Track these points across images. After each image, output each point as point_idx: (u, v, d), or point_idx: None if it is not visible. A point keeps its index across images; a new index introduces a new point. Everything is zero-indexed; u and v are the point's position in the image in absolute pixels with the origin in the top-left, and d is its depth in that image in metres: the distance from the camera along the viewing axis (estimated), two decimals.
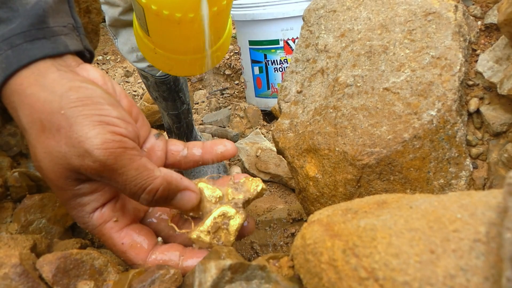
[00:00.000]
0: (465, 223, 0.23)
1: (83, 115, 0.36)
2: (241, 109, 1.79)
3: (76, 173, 0.37)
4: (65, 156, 0.36)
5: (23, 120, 0.38)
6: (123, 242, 0.41)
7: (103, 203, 0.41)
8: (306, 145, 0.59)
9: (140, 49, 0.70)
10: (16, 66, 0.38)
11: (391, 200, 0.30)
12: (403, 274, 0.21)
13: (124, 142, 0.37)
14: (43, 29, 0.40)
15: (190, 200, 0.42)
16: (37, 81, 0.38)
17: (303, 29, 0.71)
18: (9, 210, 0.57)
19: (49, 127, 0.37)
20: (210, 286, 0.28)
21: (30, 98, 0.38)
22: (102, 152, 0.36)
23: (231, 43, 2.43)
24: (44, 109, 0.37)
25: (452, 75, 0.50)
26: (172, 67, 0.69)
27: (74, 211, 0.40)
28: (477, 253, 0.21)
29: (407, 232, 0.23)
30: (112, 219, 0.41)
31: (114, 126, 0.37)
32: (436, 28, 0.53)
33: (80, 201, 0.40)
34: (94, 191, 0.40)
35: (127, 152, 0.37)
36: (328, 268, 0.24)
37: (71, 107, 0.37)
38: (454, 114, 0.49)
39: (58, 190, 0.39)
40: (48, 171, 0.38)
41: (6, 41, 0.39)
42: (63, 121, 0.36)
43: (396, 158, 0.50)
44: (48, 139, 0.37)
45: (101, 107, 0.38)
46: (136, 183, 0.37)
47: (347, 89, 0.57)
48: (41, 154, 0.38)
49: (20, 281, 0.36)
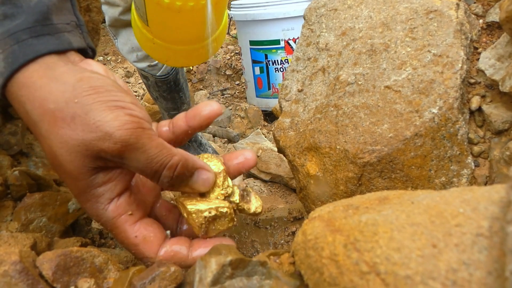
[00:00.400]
0: (467, 218, 0.23)
1: (98, 102, 0.37)
2: (242, 110, 1.78)
3: (94, 159, 0.38)
4: (83, 143, 0.37)
5: (33, 113, 0.38)
6: (136, 235, 0.41)
7: (118, 194, 0.41)
8: (307, 144, 0.59)
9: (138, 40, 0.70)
10: (22, 61, 0.39)
11: (392, 196, 0.30)
12: (405, 268, 0.21)
13: (141, 123, 0.38)
14: (48, 25, 0.41)
15: (207, 180, 0.42)
16: (47, 74, 0.38)
17: (304, 27, 0.71)
18: (9, 208, 0.56)
19: (63, 116, 0.37)
20: (211, 281, 0.28)
21: (41, 90, 0.38)
22: (124, 132, 0.36)
23: (232, 44, 2.43)
24: (56, 100, 0.37)
25: (453, 73, 0.50)
26: (169, 58, 0.69)
27: (88, 203, 0.40)
28: (479, 248, 0.21)
29: (409, 227, 0.23)
30: (127, 212, 0.41)
31: (129, 109, 0.38)
32: (437, 26, 0.53)
33: (95, 192, 0.40)
34: (108, 181, 0.40)
35: (146, 132, 0.38)
36: (329, 263, 0.24)
37: (85, 96, 0.37)
38: (456, 112, 0.49)
39: (73, 181, 0.39)
40: (64, 161, 0.38)
41: (12, 36, 0.39)
42: (78, 110, 0.37)
43: (398, 156, 0.50)
44: (63, 129, 0.37)
45: (114, 94, 0.39)
46: (158, 160, 0.38)
47: (348, 87, 0.57)
48: (56, 144, 0.38)
49: (20, 279, 0.36)
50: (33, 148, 0.68)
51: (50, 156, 0.39)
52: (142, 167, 0.38)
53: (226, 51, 2.39)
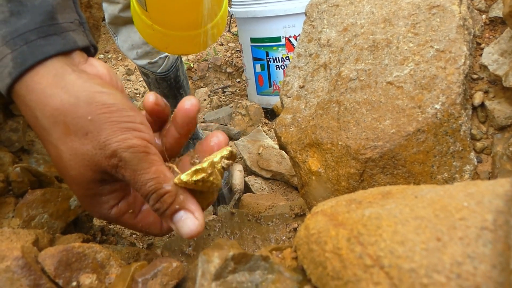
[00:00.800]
0: (472, 211, 0.23)
1: (110, 122, 0.39)
2: (242, 107, 1.78)
3: (102, 173, 0.40)
4: (93, 158, 0.39)
5: (44, 120, 0.40)
6: (141, 225, 0.46)
7: (119, 199, 0.45)
8: (309, 140, 0.58)
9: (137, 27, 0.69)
10: (31, 62, 0.39)
11: (395, 191, 0.30)
12: (409, 262, 0.21)
13: (148, 147, 0.40)
14: (54, 25, 0.42)
15: (190, 229, 0.41)
16: (57, 83, 0.40)
17: (306, 23, 0.71)
18: (11, 205, 0.56)
19: (75, 130, 0.39)
20: (214, 275, 0.28)
21: (52, 100, 0.39)
22: (128, 154, 0.39)
23: (233, 41, 2.43)
24: (69, 113, 0.39)
25: (456, 68, 0.49)
26: (169, 45, 0.68)
27: (92, 207, 0.44)
28: (484, 241, 0.21)
29: (412, 221, 0.23)
30: (128, 211, 0.45)
31: (139, 131, 0.40)
32: (440, 21, 0.53)
33: (99, 199, 0.43)
34: (113, 191, 0.44)
35: (148, 157, 0.40)
36: (332, 257, 0.24)
37: (98, 114, 0.39)
38: (459, 108, 0.49)
39: (80, 189, 0.42)
40: (73, 171, 0.41)
41: (21, 36, 0.40)
42: (91, 126, 0.39)
43: (400, 152, 0.50)
44: (74, 142, 0.39)
45: (126, 114, 0.40)
46: (150, 185, 0.40)
47: (350, 83, 0.57)
48: (66, 156, 0.40)
49: (22, 274, 0.36)
50: (34, 145, 0.68)
51: (57, 161, 0.41)
52: (137, 187, 0.40)
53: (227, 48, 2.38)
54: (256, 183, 1.34)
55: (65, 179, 0.43)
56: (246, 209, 1.00)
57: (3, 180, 0.55)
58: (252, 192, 1.30)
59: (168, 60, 1.33)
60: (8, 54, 0.40)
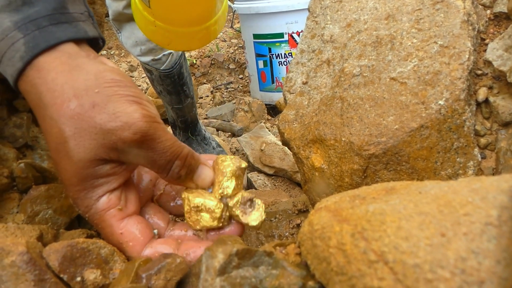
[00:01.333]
0: (476, 207, 0.23)
1: (118, 94, 0.39)
2: (245, 103, 1.78)
3: (108, 149, 0.39)
4: (101, 131, 0.38)
5: (46, 95, 0.39)
6: (121, 232, 0.41)
7: (114, 188, 0.41)
8: (312, 136, 0.58)
9: (139, 24, 0.69)
10: (44, 46, 0.40)
11: (399, 187, 0.30)
12: (414, 257, 0.21)
13: (156, 118, 0.40)
14: (65, 14, 0.42)
15: (208, 175, 0.44)
16: (68, 61, 0.40)
17: (309, 19, 0.71)
18: (15, 200, 0.57)
19: (82, 103, 0.38)
20: (218, 271, 0.28)
21: (61, 75, 0.39)
22: (144, 124, 0.38)
23: (236, 37, 2.43)
24: (77, 86, 0.39)
25: (460, 64, 0.49)
26: (171, 41, 0.68)
27: (83, 192, 0.41)
28: (488, 236, 0.21)
29: (417, 216, 0.23)
30: (116, 206, 0.41)
31: (146, 106, 0.40)
32: (444, 17, 0.53)
33: (95, 182, 0.40)
34: (111, 174, 0.41)
35: (160, 126, 0.40)
36: (336, 252, 0.24)
37: (106, 87, 0.39)
38: (463, 104, 0.49)
39: (76, 168, 0.40)
40: (75, 147, 0.39)
41: (33, 22, 0.40)
42: (98, 99, 0.38)
43: (403, 148, 0.50)
44: (80, 115, 0.38)
45: (133, 90, 0.41)
46: (172, 150, 0.40)
47: (353, 79, 0.57)
48: (70, 130, 0.38)
49: (27, 269, 0.36)
50: (38, 141, 0.69)
51: (57, 141, 0.40)
52: (157, 157, 0.40)
53: (229, 44, 2.38)
54: (259, 180, 1.34)
55: (58, 159, 0.40)
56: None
57: (8, 176, 0.55)
58: (255, 188, 1.30)
59: (172, 57, 1.33)
60: (20, 38, 0.40)
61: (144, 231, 0.42)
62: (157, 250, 0.41)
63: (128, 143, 0.38)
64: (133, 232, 0.42)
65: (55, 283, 0.37)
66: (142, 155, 0.40)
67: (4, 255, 0.36)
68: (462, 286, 0.19)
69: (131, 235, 0.41)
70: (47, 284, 0.36)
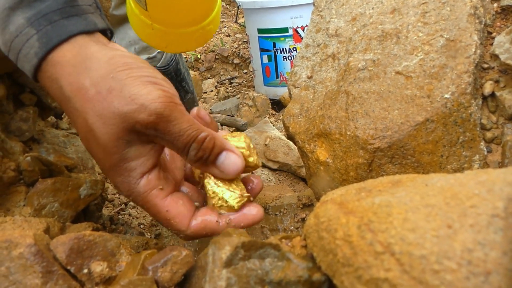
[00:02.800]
0: (482, 199, 0.23)
1: (132, 77, 0.39)
2: (249, 98, 1.78)
3: (129, 132, 0.40)
4: (119, 115, 0.39)
5: (67, 88, 0.40)
6: (167, 210, 0.42)
7: (149, 169, 0.42)
8: (317, 130, 0.58)
9: (135, 28, 0.70)
10: (56, 41, 0.41)
11: (405, 179, 0.30)
12: (420, 248, 0.21)
13: (173, 98, 0.40)
14: (75, 7, 0.43)
15: (236, 163, 0.43)
16: (80, 52, 0.41)
17: (314, 14, 0.71)
18: (22, 194, 0.57)
19: (99, 90, 0.39)
20: (224, 263, 0.28)
21: (75, 67, 0.40)
22: (159, 105, 0.38)
23: (240, 32, 2.42)
24: (91, 75, 0.40)
25: (466, 57, 0.49)
26: (169, 43, 0.69)
27: (120, 177, 0.42)
28: (495, 228, 0.21)
29: (423, 208, 0.23)
30: (157, 186, 0.42)
31: (161, 85, 0.40)
32: (450, 10, 0.52)
33: (127, 166, 0.41)
34: (140, 155, 0.41)
35: (178, 107, 0.40)
36: (343, 244, 0.24)
37: (119, 71, 0.40)
38: (469, 97, 0.48)
39: (107, 155, 0.41)
40: (100, 134, 0.40)
41: (45, 17, 0.41)
42: (113, 84, 0.39)
43: (409, 142, 0.50)
44: (99, 102, 0.39)
45: (146, 70, 0.41)
46: (189, 133, 0.40)
47: (358, 73, 0.57)
48: (92, 117, 0.40)
49: (35, 261, 0.36)
50: (44, 134, 0.69)
51: (84, 130, 0.41)
52: (173, 139, 0.40)
53: (234, 39, 2.38)
54: (263, 174, 1.34)
55: (91, 148, 0.42)
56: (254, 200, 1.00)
57: (14, 169, 0.56)
58: None
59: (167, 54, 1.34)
60: (34, 34, 0.41)
61: (187, 206, 0.44)
62: (203, 220, 0.43)
63: (145, 125, 0.39)
64: (178, 208, 0.43)
65: (62, 275, 0.37)
66: (160, 137, 0.40)
67: (12, 247, 0.36)
68: (468, 277, 0.20)
69: (176, 211, 0.42)
70: (54, 276, 0.37)
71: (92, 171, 0.76)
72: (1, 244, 0.36)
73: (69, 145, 0.74)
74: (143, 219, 0.91)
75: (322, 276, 0.29)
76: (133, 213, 0.94)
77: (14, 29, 0.41)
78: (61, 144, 0.73)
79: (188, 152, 0.41)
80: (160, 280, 0.35)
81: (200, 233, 0.43)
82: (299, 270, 0.29)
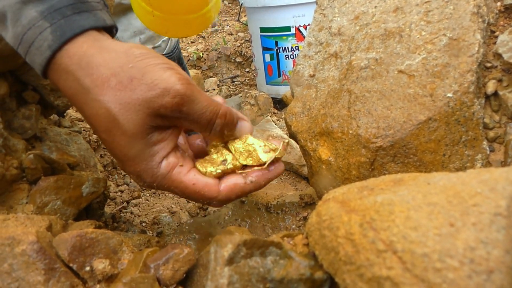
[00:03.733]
0: (485, 198, 0.23)
1: (151, 65, 0.41)
2: (252, 97, 1.78)
3: (154, 117, 0.41)
4: (144, 101, 0.40)
5: (86, 80, 0.41)
6: (194, 183, 0.44)
7: (168, 152, 0.44)
8: (319, 129, 0.58)
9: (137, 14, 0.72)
10: (70, 34, 0.42)
11: (407, 178, 0.30)
12: (422, 246, 0.21)
13: (189, 80, 0.42)
14: (84, 3, 0.44)
15: (248, 127, 0.48)
16: (96, 45, 0.42)
17: (316, 12, 0.70)
18: (24, 191, 0.57)
19: (120, 80, 0.40)
20: (226, 260, 0.28)
21: (93, 58, 0.41)
22: (181, 86, 0.40)
23: (242, 31, 2.42)
24: (111, 66, 0.41)
25: (469, 56, 0.49)
26: (169, 29, 0.71)
27: (143, 163, 0.43)
28: (497, 227, 0.21)
29: (425, 206, 0.23)
30: (178, 164, 0.44)
31: (177, 70, 0.42)
32: (454, 9, 0.52)
33: (151, 150, 0.43)
34: (162, 139, 0.43)
35: (195, 87, 0.42)
36: (345, 242, 0.24)
37: (138, 61, 0.41)
38: (471, 96, 0.48)
39: (131, 141, 0.42)
40: (125, 121, 0.41)
41: (57, 11, 0.42)
42: (134, 73, 0.41)
43: (411, 141, 0.49)
44: (121, 91, 0.40)
45: (161, 59, 0.43)
46: (211, 109, 0.43)
47: (361, 72, 0.57)
48: (116, 107, 0.41)
49: (37, 258, 0.37)
50: (47, 132, 0.69)
51: (106, 121, 0.41)
52: (197, 117, 0.42)
53: (236, 38, 2.38)
54: None
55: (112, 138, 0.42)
56: (255, 198, 1.00)
57: (17, 167, 0.56)
58: None
59: (171, 42, 1.35)
60: (47, 27, 0.42)
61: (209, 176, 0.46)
62: (230, 182, 0.45)
63: (170, 107, 0.40)
64: (203, 179, 0.44)
65: (64, 272, 0.37)
66: (184, 118, 0.42)
67: (15, 244, 0.36)
68: (470, 275, 0.20)
69: (202, 182, 0.44)
70: (57, 273, 0.37)
71: (95, 169, 0.76)
72: (4, 241, 0.36)
73: (72, 143, 0.75)
74: (145, 217, 0.91)
75: (324, 274, 0.29)
76: (135, 211, 0.94)
77: (27, 22, 0.42)
78: (64, 142, 0.73)
79: (212, 128, 0.44)
80: (162, 278, 0.35)
81: (230, 196, 0.45)
82: (301, 268, 0.29)
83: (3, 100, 0.61)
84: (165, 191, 0.46)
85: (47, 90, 0.67)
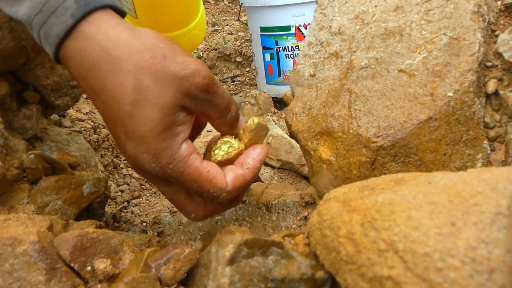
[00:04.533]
0: (486, 197, 0.23)
1: (178, 49, 0.43)
2: (252, 96, 1.78)
3: (184, 95, 0.42)
4: (177, 77, 0.42)
5: (116, 50, 0.42)
6: (208, 170, 0.45)
7: (187, 136, 0.45)
8: (320, 128, 0.58)
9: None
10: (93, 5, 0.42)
11: (408, 178, 0.30)
12: (424, 246, 0.21)
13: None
14: None
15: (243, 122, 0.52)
16: (122, 22, 0.43)
17: (317, 11, 0.70)
18: (25, 191, 0.57)
19: (154, 55, 0.41)
20: (227, 260, 0.28)
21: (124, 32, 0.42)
22: (207, 70, 0.43)
23: (242, 30, 2.42)
24: (144, 42, 0.42)
25: (470, 55, 0.49)
26: None
27: (166, 141, 0.43)
28: (498, 226, 0.21)
29: (426, 206, 0.23)
30: (195, 151, 0.45)
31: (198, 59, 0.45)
32: (454, 8, 0.52)
33: (175, 129, 0.43)
34: (185, 122, 0.44)
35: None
36: (346, 242, 0.24)
37: (168, 43, 0.43)
38: (472, 96, 0.48)
39: (161, 116, 0.42)
40: (159, 93, 0.41)
41: None
42: (165, 51, 0.42)
43: (412, 140, 0.49)
44: (155, 65, 0.41)
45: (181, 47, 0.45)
46: (228, 95, 0.46)
47: (361, 71, 0.57)
48: (150, 78, 0.41)
49: (39, 258, 0.37)
50: (48, 132, 0.69)
51: (136, 91, 0.41)
52: (219, 100, 0.45)
53: (236, 37, 2.38)
54: (265, 172, 1.34)
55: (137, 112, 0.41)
56: (256, 198, 1.00)
57: (18, 167, 0.56)
58: (261, 181, 1.30)
59: None
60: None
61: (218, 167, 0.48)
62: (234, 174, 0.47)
63: (200, 87, 0.42)
64: (215, 167, 0.46)
65: (66, 272, 0.37)
66: (208, 100, 0.44)
67: (16, 244, 0.36)
68: (472, 275, 0.20)
69: (215, 171, 0.45)
70: (58, 273, 0.37)
71: (95, 169, 0.76)
72: (5, 241, 0.36)
73: (72, 143, 0.75)
74: (146, 217, 0.91)
75: (325, 273, 0.29)
76: (135, 211, 0.94)
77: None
78: (64, 142, 0.73)
79: (228, 113, 0.47)
80: (163, 277, 0.35)
81: (236, 186, 0.46)
82: (302, 268, 0.29)
83: (4, 100, 0.61)
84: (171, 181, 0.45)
85: (47, 90, 0.67)
